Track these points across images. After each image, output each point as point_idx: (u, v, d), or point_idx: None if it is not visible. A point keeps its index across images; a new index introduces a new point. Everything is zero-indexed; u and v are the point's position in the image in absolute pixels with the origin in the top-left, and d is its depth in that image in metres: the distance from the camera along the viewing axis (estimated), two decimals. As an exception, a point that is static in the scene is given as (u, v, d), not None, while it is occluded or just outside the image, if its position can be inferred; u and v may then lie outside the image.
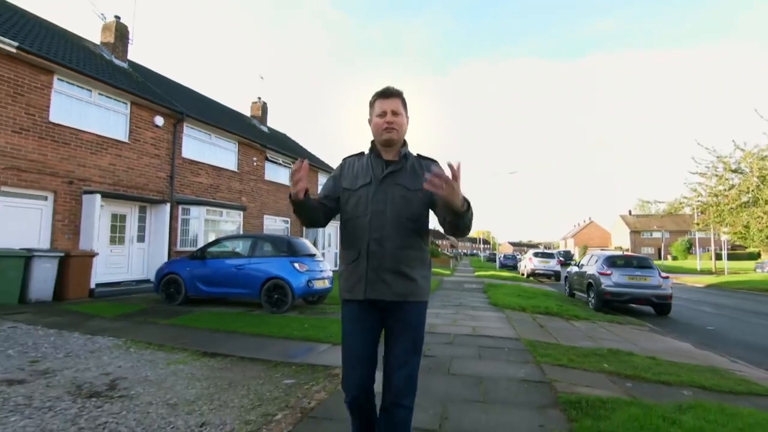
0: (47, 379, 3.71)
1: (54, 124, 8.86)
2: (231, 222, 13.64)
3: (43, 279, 8.00)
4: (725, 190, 22.56)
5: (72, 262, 8.41)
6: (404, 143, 1.89)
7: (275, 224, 16.56)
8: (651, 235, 67.20)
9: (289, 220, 17.24)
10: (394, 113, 1.80)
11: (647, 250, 66.60)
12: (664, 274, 9.95)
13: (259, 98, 19.88)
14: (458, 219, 1.59)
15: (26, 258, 7.77)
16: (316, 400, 3.26)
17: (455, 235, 1.72)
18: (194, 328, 6.19)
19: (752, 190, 21.46)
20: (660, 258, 51.22)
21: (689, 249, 57.89)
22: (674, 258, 60.89)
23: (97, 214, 9.26)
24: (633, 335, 6.85)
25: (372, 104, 1.87)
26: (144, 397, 3.36)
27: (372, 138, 1.90)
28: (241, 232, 13.63)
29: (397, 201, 1.77)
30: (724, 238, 26.45)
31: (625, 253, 12.66)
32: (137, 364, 4.31)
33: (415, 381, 1.76)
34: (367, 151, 1.94)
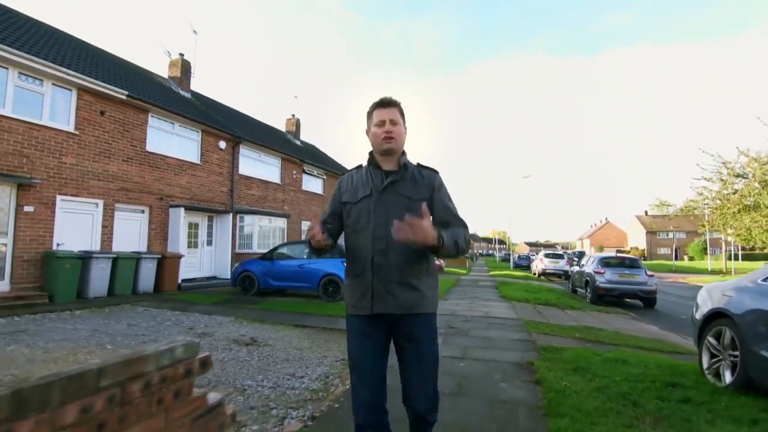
0: (210, 338, 5.83)
1: (149, 152, 11.16)
2: (277, 228, 15.86)
3: (146, 276, 10.27)
4: (729, 194, 23.79)
5: (166, 263, 10.67)
6: (403, 153, 1.87)
7: (311, 229, 18.73)
8: (667, 235, 67.44)
9: (322, 224, 19.41)
10: (393, 122, 1.79)
11: (663, 251, 66.96)
12: (649, 273, 11.70)
13: (293, 115, 22.14)
14: (437, 253, 1.68)
15: (136, 259, 10.03)
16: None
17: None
18: (275, 311, 8.30)
19: (754, 195, 22.69)
20: (675, 258, 51.88)
21: (705, 250, 58.15)
22: (691, 258, 61.14)
23: (182, 224, 11.54)
24: (612, 320, 8.69)
25: (370, 114, 1.86)
26: (278, 345, 5.44)
27: (370, 149, 1.89)
28: (285, 237, 15.85)
29: (399, 211, 1.71)
30: (730, 239, 27.62)
31: (618, 255, 14.34)
32: (256, 330, 6.41)
33: (436, 393, 1.77)
34: (365, 163, 1.92)
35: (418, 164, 1.91)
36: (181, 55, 15.14)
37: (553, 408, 3.06)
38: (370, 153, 1.89)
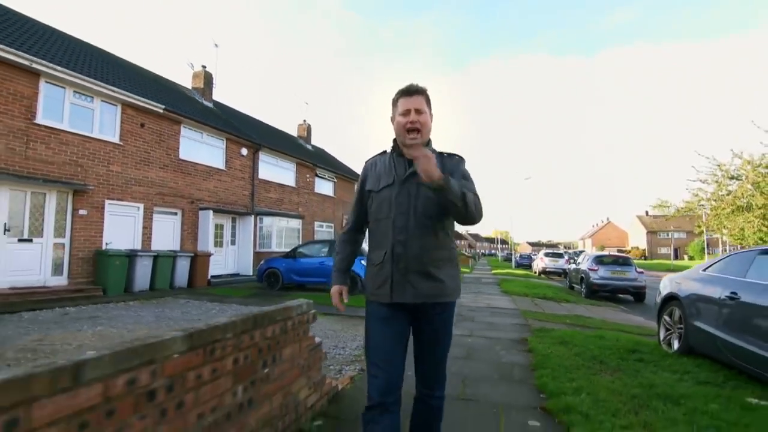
0: (255, 321, 6.90)
1: (182, 160, 12.25)
2: (293, 228, 16.95)
3: (181, 272, 11.35)
4: (724, 195, 24.71)
5: (198, 260, 11.75)
6: (428, 141, 1.86)
7: (323, 229, 19.82)
8: (668, 235, 68.25)
9: (333, 225, 20.47)
10: (418, 111, 1.77)
11: (664, 250, 67.79)
12: (639, 270, 12.70)
13: (304, 120, 23.25)
14: (442, 195, 1.62)
15: (173, 257, 11.12)
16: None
17: (460, 222, 1.79)
18: (301, 303, 9.36)
19: (747, 196, 23.62)
20: (675, 258, 52.68)
21: (704, 249, 58.94)
22: (691, 258, 61.92)
23: (210, 225, 12.63)
24: (602, 311, 9.70)
25: (395, 102, 1.84)
26: (316, 327, 6.42)
27: (394, 136, 1.86)
28: (301, 236, 16.93)
29: (420, 201, 1.75)
30: (724, 239, 28.57)
31: (611, 253, 15.31)
32: (291, 317, 7.47)
33: (445, 372, 1.90)
34: (389, 150, 1.91)
35: (442, 152, 1.89)
36: (204, 67, 16.24)
37: (539, 365, 4.10)
38: (394, 140, 1.88)
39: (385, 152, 1.95)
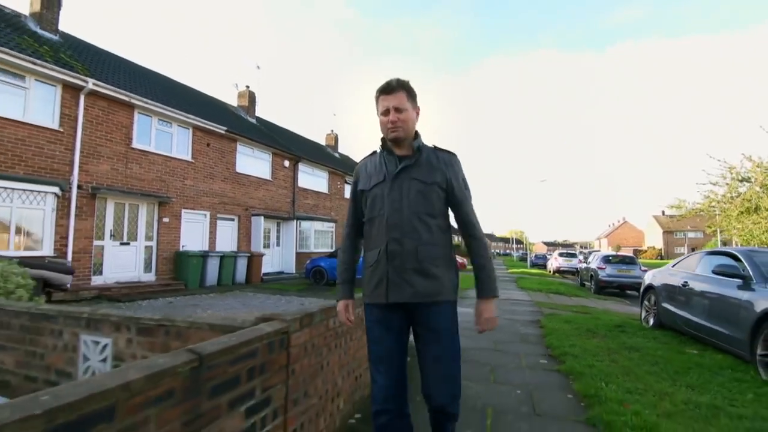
0: (321, 308, 8.67)
1: (238, 173, 14.16)
2: (328, 231, 18.78)
3: (241, 270, 13.23)
4: (733, 197, 25.66)
5: (253, 260, 13.62)
6: (416, 135, 1.80)
7: (351, 231, 21.60)
8: (685, 235, 68.33)
9: (360, 228, 22.31)
10: (398, 110, 1.72)
11: (680, 250, 67.88)
12: (643, 268, 14.11)
13: (332, 130, 25.10)
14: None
15: (234, 257, 13.00)
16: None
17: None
18: (348, 295, 11.10)
19: (755, 198, 24.55)
20: (692, 258, 53.13)
21: (721, 249, 58.95)
22: (708, 258, 61.89)
23: (261, 229, 14.51)
24: (607, 304, 11.22)
25: (376, 100, 1.79)
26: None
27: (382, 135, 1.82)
28: (334, 238, 18.74)
29: (413, 196, 1.72)
30: (735, 240, 29.45)
31: (618, 253, 16.69)
32: (347, 306, 9.22)
33: (457, 385, 1.71)
34: (379, 149, 1.87)
35: (435, 146, 1.85)
36: (247, 87, 18.18)
37: (548, 334, 5.74)
38: (383, 138, 1.83)
39: (375, 152, 1.91)
